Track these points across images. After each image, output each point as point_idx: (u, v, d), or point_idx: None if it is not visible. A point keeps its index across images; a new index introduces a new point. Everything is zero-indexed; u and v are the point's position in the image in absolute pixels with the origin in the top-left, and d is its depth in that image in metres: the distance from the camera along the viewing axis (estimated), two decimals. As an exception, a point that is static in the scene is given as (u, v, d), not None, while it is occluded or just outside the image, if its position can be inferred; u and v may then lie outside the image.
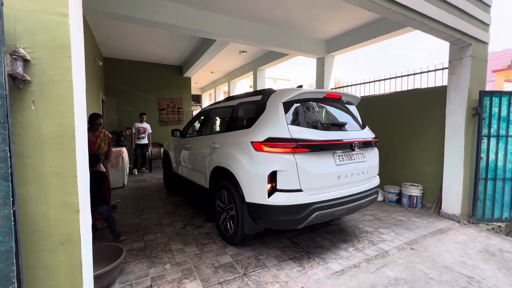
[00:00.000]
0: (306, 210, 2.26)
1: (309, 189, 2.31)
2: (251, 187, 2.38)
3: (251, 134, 2.49)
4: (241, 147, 2.53)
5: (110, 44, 6.42)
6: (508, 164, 3.43)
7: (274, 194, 2.26)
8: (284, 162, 2.25)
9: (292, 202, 2.24)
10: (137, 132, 6.84)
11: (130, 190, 5.31)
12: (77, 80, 1.18)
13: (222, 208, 2.87)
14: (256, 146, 2.37)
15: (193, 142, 3.83)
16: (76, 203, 1.16)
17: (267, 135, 2.34)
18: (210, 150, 3.11)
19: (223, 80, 10.69)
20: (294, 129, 2.34)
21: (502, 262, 2.47)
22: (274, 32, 5.04)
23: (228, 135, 2.88)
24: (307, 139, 2.33)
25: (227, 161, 2.69)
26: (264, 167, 2.28)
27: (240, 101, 3.05)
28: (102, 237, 3.00)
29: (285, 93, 2.50)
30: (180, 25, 4.06)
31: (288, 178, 2.25)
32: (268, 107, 2.52)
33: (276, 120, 2.39)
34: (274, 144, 2.28)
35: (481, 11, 3.39)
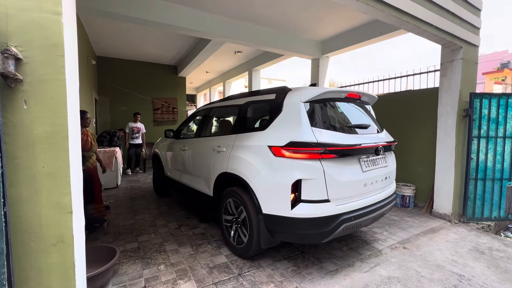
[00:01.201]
0: (334, 222, 2.03)
1: (336, 199, 2.08)
2: (269, 197, 2.14)
3: (267, 137, 2.25)
4: (256, 152, 2.28)
5: (103, 43, 6.34)
6: (497, 165, 3.51)
7: (298, 205, 2.01)
8: (310, 169, 2.00)
9: (319, 214, 2.00)
10: (131, 132, 6.77)
11: (123, 190, 5.25)
12: (70, 79, 1.17)
13: (231, 218, 2.59)
14: (276, 151, 2.12)
15: (191, 144, 3.50)
16: (69, 204, 1.14)
17: (288, 138, 2.08)
18: (214, 154, 2.83)
19: (218, 80, 10.67)
20: (318, 132, 2.09)
21: (491, 260, 2.52)
22: (269, 32, 5.06)
23: (237, 138, 2.60)
24: (335, 143, 2.07)
25: (238, 167, 2.42)
26: (287, 175, 2.03)
27: (248, 100, 2.75)
28: (95, 238, 2.96)
29: (307, 91, 2.23)
30: (175, 24, 4.04)
31: (314, 188, 2.01)
32: (286, 107, 2.26)
33: (298, 122, 2.14)
34: (298, 149, 2.03)
35: (472, 14, 3.47)
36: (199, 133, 3.56)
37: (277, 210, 2.09)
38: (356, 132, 2.39)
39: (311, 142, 2.02)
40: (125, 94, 7.76)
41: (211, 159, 2.88)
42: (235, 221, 2.53)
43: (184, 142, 3.70)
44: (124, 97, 7.77)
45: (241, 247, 2.44)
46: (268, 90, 2.61)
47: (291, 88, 2.38)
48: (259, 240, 2.25)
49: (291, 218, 2.02)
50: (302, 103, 2.19)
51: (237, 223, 2.52)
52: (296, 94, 2.26)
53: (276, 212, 2.09)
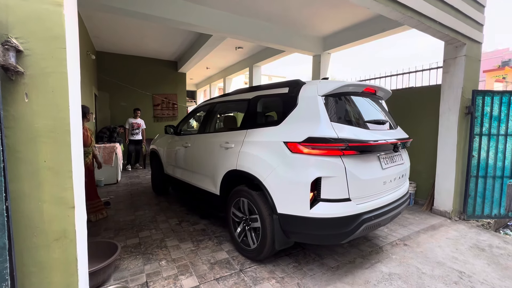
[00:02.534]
0: (355, 222, 1.94)
1: (357, 198, 1.98)
2: (286, 196, 2.03)
3: (281, 133, 2.14)
4: (269, 148, 2.17)
5: (103, 38, 6.29)
6: (498, 162, 3.51)
7: (318, 205, 1.91)
8: (331, 166, 1.90)
9: (339, 213, 1.90)
10: (131, 128, 6.74)
11: (124, 186, 5.24)
12: (72, 72, 1.15)
13: (240, 218, 2.47)
14: (292, 147, 2.00)
15: (194, 140, 3.35)
16: (71, 198, 1.13)
17: (306, 134, 1.96)
18: (222, 151, 2.69)
19: (219, 76, 10.62)
20: (338, 128, 1.98)
21: (491, 258, 2.53)
22: (271, 28, 5.01)
23: (247, 133, 2.48)
24: (356, 139, 1.98)
25: (249, 165, 2.30)
26: (306, 173, 1.92)
27: (258, 94, 2.62)
28: (96, 233, 2.96)
29: (324, 85, 2.12)
30: (175, 19, 3.99)
31: (335, 186, 1.91)
32: (301, 101, 2.15)
33: (316, 116, 2.02)
34: (318, 145, 1.91)
35: (476, 11, 3.44)
36: (203, 129, 3.38)
37: (294, 209, 1.98)
38: (374, 128, 2.28)
39: (331, 138, 1.91)
40: (125, 90, 7.72)
41: (218, 156, 2.74)
42: (244, 221, 2.42)
43: (187, 138, 3.56)
44: (124, 92, 7.73)
45: (252, 248, 2.32)
46: (279, 83, 2.48)
47: (304, 82, 2.26)
48: (273, 241, 2.14)
49: (309, 218, 1.92)
50: (319, 96, 2.07)
51: (246, 224, 2.39)
52: (312, 88, 2.14)
53: (293, 212, 1.98)
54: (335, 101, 2.13)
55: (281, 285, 2.04)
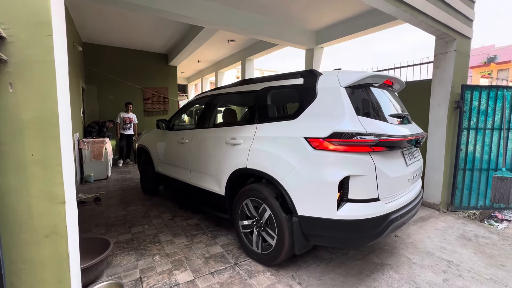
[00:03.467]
0: (384, 222, 1.81)
1: (385, 197, 1.86)
2: (308, 197, 1.87)
3: (301, 127, 1.96)
4: (287, 144, 1.99)
5: (90, 29, 6.06)
6: (485, 155, 3.62)
7: (345, 206, 1.77)
8: (360, 164, 1.76)
9: (369, 214, 1.76)
10: (122, 122, 6.59)
11: (114, 182, 5.14)
12: (60, 61, 1.09)
13: (250, 223, 2.28)
14: (316, 143, 1.83)
15: (192, 135, 3.06)
16: (62, 193, 1.09)
17: (330, 129, 1.79)
18: (227, 147, 2.49)
19: (210, 70, 10.47)
20: (365, 122, 1.83)
21: (477, 247, 2.63)
22: (263, 21, 4.95)
23: (258, 128, 2.28)
24: (385, 134, 1.85)
25: (263, 162, 2.12)
26: (332, 172, 1.77)
27: (267, 86, 2.40)
28: (87, 229, 2.90)
29: (346, 75, 1.96)
30: (165, 9, 3.87)
31: (364, 185, 1.78)
32: (321, 93, 1.98)
33: (341, 109, 1.86)
34: (346, 141, 1.75)
35: (466, 6, 3.48)
36: (203, 123, 3.08)
37: (318, 211, 1.82)
38: (395, 122, 2.15)
39: (359, 133, 1.75)
40: (114, 83, 7.51)
41: (223, 153, 2.53)
42: (255, 224, 2.23)
43: (183, 134, 3.28)
44: (112, 86, 7.52)
45: (266, 253, 2.14)
46: (289, 74, 2.30)
47: (320, 72, 2.10)
48: (292, 246, 1.99)
49: (336, 221, 1.76)
50: (342, 88, 1.91)
51: (257, 226, 2.21)
52: (332, 78, 1.98)
53: (317, 214, 1.83)
54: (357, 93, 1.96)
55: (276, 277, 2.05)
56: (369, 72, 2.01)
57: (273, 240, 2.06)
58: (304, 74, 2.16)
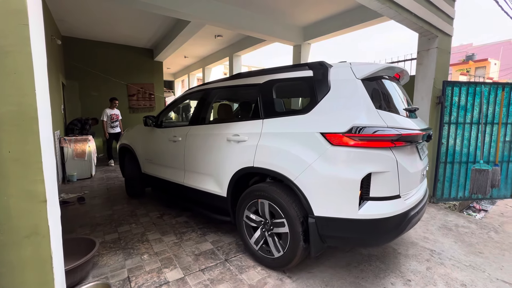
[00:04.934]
0: (404, 220, 1.76)
1: (404, 194, 1.81)
2: (326, 196, 1.77)
3: (315, 122, 1.84)
4: (301, 141, 1.87)
5: (70, 21, 5.79)
6: (464, 149, 3.78)
7: (366, 205, 1.68)
8: (382, 160, 1.68)
9: (391, 212, 1.69)
10: (110, 120, 6.15)
11: (99, 180, 4.99)
12: (37, 52, 1.03)
13: (257, 223, 2.15)
14: (334, 138, 1.72)
15: (186, 133, 2.84)
16: (43, 192, 1.04)
17: (350, 123, 1.69)
18: (230, 145, 2.32)
19: (197, 65, 10.31)
20: (384, 115, 1.75)
21: (458, 236, 2.75)
22: (250, 16, 4.91)
23: (265, 124, 2.14)
24: (405, 128, 1.79)
25: (273, 160, 1.98)
26: (354, 169, 1.68)
27: (271, 78, 2.26)
28: (71, 230, 2.80)
29: (361, 67, 1.87)
30: (150, 2, 3.76)
31: (386, 182, 1.70)
32: (335, 85, 1.87)
33: (359, 102, 1.77)
34: (368, 136, 1.66)
35: (447, 4, 3.59)
36: (198, 119, 2.86)
37: (338, 211, 1.72)
38: (409, 116, 2.09)
39: (380, 126, 1.67)
40: (97, 79, 7.24)
41: (224, 152, 2.37)
42: (263, 227, 2.10)
43: (175, 131, 3.04)
44: (95, 81, 7.25)
45: (277, 257, 2.02)
46: (296, 66, 2.18)
47: (330, 63, 2.02)
48: (305, 248, 1.89)
49: (357, 221, 1.67)
50: (358, 80, 1.82)
51: (266, 229, 2.07)
52: (345, 70, 1.89)
53: (336, 214, 1.73)
54: (372, 85, 1.87)
55: (266, 272, 2.07)
56: (384, 64, 1.92)
57: (286, 243, 1.94)
58: (313, 66, 2.05)
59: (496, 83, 3.77)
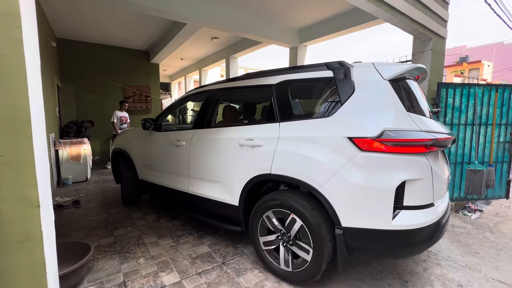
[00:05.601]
0: (437, 229, 1.68)
1: (436, 201, 1.72)
2: (356, 206, 1.64)
3: (341, 126, 1.71)
4: (326, 146, 1.73)
5: (65, 23, 5.75)
6: (459, 150, 3.82)
7: (400, 214, 1.57)
8: (418, 167, 1.58)
9: (426, 222, 1.60)
10: (119, 122, 6.32)
11: (94, 184, 4.94)
12: (30, 55, 1.02)
13: (276, 235, 2.00)
14: (364, 143, 1.59)
15: (191, 137, 2.64)
16: (36, 196, 1.02)
17: (381, 126, 1.58)
18: (243, 150, 2.16)
19: (194, 67, 10.29)
20: (415, 119, 1.65)
21: (454, 236, 2.77)
22: (247, 18, 4.92)
23: (282, 127, 1.98)
24: (439, 132, 1.70)
25: (294, 167, 1.83)
26: (388, 176, 1.56)
27: (285, 79, 2.11)
28: (65, 234, 2.76)
29: (387, 67, 1.77)
30: (146, 4, 3.74)
31: (421, 190, 1.60)
32: (360, 87, 1.75)
33: (389, 105, 1.66)
34: (401, 141, 1.55)
35: (441, 7, 3.65)
36: (202, 122, 2.66)
37: (369, 222, 1.61)
38: (435, 119, 1.99)
39: (415, 131, 1.58)
40: (92, 81, 7.18)
41: (236, 157, 2.21)
42: (281, 238, 1.96)
43: (178, 135, 2.84)
44: (91, 83, 7.19)
45: (298, 271, 1.87)
46: (312, 65, 2.05)
47: (349, 63, 1.92)
48: (331, 261, 1.80)
49: (390, 232, 1.56)
50: (386, 81, 1.71)
51: (285, 240, 1.93)
52: (370, 71, 1.78)
53: (367, 225, 1.61)
54: (398, 87, 1.75)
55: (264, 274, 2.06)
56: (411, 64, 1.85)
57: (308, 255, 1.80)
58: (332, 66, 1.92)
59: (489, 85, 3.82)
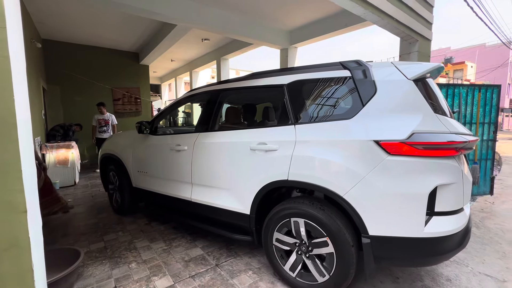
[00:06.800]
0: (466, 235, 1.62)
1: (465, 206, 1.67)
2: (385, 213, 1.55)
3: (365, 128, 1.62)
4: (349, 150, 1.63)
5: (50, 24, 5.61)
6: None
7: (432, 221, 1.50)
8: (449, 170, 1.51)
9: (457, 228, 1.54)
10: (98, 125, 6.13)
11: (83, 188, 4.82)
12: (15, 56, 0.99)
13: (291, 245, 1.89)
14: (391, 147, 1.51)
15: (193, 141, 2.46)
16: (23, 202, 0.99)
17: (409, 128, 1.50)
18: (255, 155, 2.02)
19: (184, 69, 10.22)
20: (443, 120, 1.60)
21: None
22: (238, 20, 4.93)
23: (298, 130, 1.86)
24: (464, 133, 1.63)
25: (315, 173, 1.72)
26: (420, 181, 1.48)
27: (298, 79, 2.00)
28: (53, 241, 2.68)
29: (410, 66, 1.70)
30: (134, 5, 3.69)
31: (453, 194, 1.54)
32: (383, 87, 1.66)
33: (415, 105, 1.58)
34: (433, 144, 1.48)
35: (426, 10, 3.76)
36: (206, 125, 2.49)
37: (399, 229, 1.53)
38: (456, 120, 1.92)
39: (445, 133, 1.51)
40: (80, 83, 7.02)
41: (247, 162, 2.07)
42: (299, 248, 1.85)
43: (177, 138, 2.66)
44: (78, 86, 7.03)
45: (320, 283, 1.77)
46: (326, 65, 1.95)
47: (366, 61, 1.84)
48: (356, 271, 1.69)
49: (423, 239, 1.49)
50: (410, 81, 1.62)
51: (303, 251, 1.82)
52: (391, 70, 1.70)
53: (398, 233, 1.53)
54: (422, 87, 1.66)
55: (258, 275, 2.06)
56: (435, 63, 1.76)
57: (331, 267, 1.71)
58: (349, 65, 1.83)
59: (473, 85, 3.96)
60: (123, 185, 3.24)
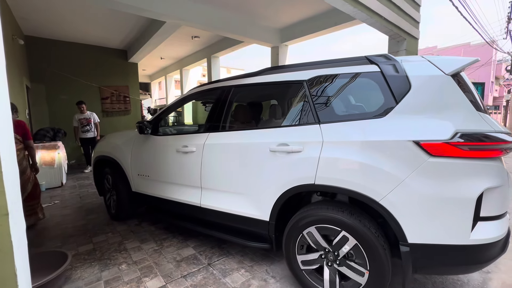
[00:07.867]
0: (508, 240, 1.53)
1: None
2: (427, 219, 1.44)
3: (402, 128, 1.49)
4: (385, 151, 1.50)
5: (33, 20, 5.42)
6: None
7: (478, 226, 1.40)
8: (496, 172, 1.41)
9: (502, 234, 1.45)
10: (80, 125, 5.87)
11: (70, 189, 4.70)
12: (-6, 53, 0.95)
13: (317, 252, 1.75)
14: (433, 148, 1.40)
15: (203, 142, 2.28)
16: (3, 204, 0.95)
17: (452, 128, 1.39)
18: (275, 157, 1.87)
19: (175, 67, 10.09)
20: (485, 119, 1.49)
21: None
22: (228, 17, 4.89)
23: (324, 130, 1.72)
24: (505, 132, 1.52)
25: (348, 177, 1.59)
26: (466, 185, 1.38)
27: (318, 74, 1.87)
28: (39, 244, 2.60)
29: (446, 60, 1.57)
30: (122, 1, 3.62)
31: (499, 198, 1.43)
32: (417, 82, 1.54)
33: (455, 103, 1.47)
34: (480, 145, 1.38)
35: (413, 9, 3.83)
36: (217, 124, 2.32)
37: (443, 237, 1.42)
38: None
39: (489, 133, 1.40)
40: (66, 81, 6.83)
41: (266, 165, 1.92)
42: (325, 257, 1.71)
43: (184, 139, 2.46)
44: (64, 84, 6.83)
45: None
46: (349, 59, 1.84)
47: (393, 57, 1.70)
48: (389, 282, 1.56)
49: (468, 247, 1.39)
50: (449, 77, 1.50)
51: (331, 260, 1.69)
52: (426, 65, 1.58)
53: (440, 241, 1.42)
54: (460, 83, 1.56)
55: (250, 273, 2.06)
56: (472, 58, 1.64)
57: (363, 278, 1.58)
58: (376, 60, 1.70)
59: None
60: (121, 190, 3.01)
